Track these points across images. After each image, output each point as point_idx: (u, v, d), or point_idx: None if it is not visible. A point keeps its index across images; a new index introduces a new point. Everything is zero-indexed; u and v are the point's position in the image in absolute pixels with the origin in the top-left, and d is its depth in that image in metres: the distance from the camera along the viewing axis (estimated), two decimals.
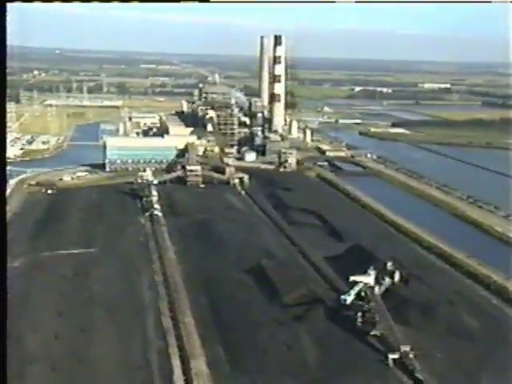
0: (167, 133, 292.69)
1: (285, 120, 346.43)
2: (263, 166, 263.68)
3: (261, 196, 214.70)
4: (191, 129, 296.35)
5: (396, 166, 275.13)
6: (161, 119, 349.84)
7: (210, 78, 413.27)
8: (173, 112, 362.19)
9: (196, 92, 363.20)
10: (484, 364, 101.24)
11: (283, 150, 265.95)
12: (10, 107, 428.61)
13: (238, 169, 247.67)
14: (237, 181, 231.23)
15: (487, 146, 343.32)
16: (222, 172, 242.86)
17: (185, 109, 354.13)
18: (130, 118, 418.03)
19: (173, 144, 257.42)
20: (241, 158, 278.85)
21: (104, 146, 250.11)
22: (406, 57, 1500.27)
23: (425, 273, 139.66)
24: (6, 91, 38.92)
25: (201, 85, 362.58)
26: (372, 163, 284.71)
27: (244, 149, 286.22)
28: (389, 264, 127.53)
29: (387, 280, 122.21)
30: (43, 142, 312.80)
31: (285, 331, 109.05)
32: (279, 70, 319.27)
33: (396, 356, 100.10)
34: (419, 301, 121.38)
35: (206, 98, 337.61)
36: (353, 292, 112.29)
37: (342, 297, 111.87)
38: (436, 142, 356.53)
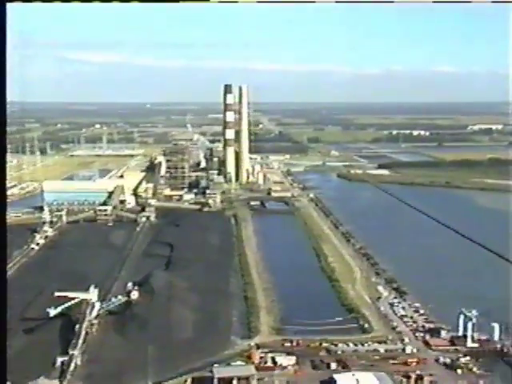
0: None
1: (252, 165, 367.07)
2: (186, 206, 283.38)
3: (150, 232, 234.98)
4: (143, 174, 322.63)
5: (322, 205, 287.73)
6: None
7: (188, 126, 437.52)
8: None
9: None
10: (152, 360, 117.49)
11: (208, 192, 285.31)
12: (33, 159, 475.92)
13: (160, 207, 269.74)
14: (144, 219, 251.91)
15: (446, 186, 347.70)
16: (143, 211, 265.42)
17: None
18: (128, 166, 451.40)
19: (104, 187, 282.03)
20: (179, 199, 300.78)
21: (42, 190, 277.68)
22: (494, 98, 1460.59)
23: (200, 296, 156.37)
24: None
25: (174, 132, 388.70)
26: (305, 202, 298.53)
27: (186, 191, 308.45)
28: (129, 284, 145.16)
29: (119, 297, 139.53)
30: (21, 188, 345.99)
31: None
32: (230, 116, 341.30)
33: (65, 358, 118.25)
34: (144, 316, 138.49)
35: (175, 144, 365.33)
36: (60, 307, 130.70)
37: (48, 309, 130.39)
38: (400, 182, 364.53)
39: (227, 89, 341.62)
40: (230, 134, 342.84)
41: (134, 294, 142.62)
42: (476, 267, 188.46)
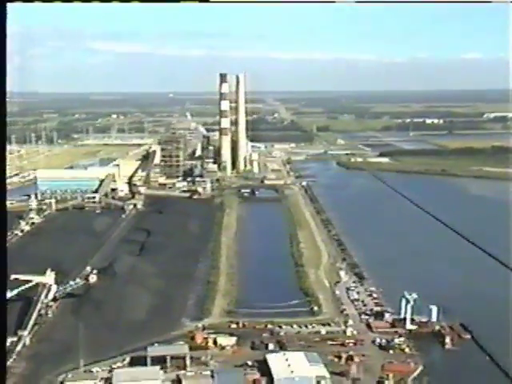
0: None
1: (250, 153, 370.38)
2: (176, 194, 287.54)
3: (133, 219, 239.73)
4: (138, 162, 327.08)
5: (311, 192, 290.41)
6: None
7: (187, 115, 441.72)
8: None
9: None
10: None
11: (197, 179, 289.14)
12: (42, 149, 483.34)
13: (150, 195, 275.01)
14: (131, 206, 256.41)
15: (442, 174, 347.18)
16: (133, 198, 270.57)
17: None
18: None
19: (95, 175, 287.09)
20: (172, 187, 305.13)
21: (35, 178, 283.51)
22: None
23: (163, 280, 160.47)
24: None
25: (174, 121, 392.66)
26: (295, 190, 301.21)
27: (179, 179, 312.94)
28: (87, 268, 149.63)
29: (77, 280, 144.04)
30: (22, 177, 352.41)
31: None
32: (225, 105, 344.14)
33: (15, 339, 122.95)
34: (100, 298, 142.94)
35: (173, 133, 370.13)
36: (16, 289, 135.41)
37: None
38: (398, 170, 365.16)
39: (222, 78, 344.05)
40: (225, 122, 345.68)
41: (93, 278, 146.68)
42: (447, 252, 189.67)
